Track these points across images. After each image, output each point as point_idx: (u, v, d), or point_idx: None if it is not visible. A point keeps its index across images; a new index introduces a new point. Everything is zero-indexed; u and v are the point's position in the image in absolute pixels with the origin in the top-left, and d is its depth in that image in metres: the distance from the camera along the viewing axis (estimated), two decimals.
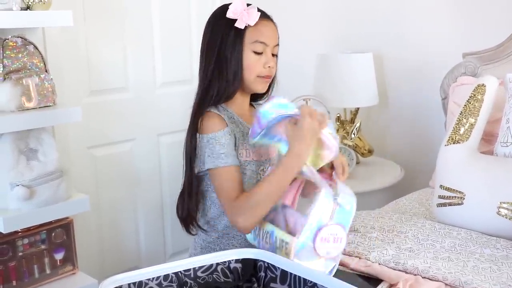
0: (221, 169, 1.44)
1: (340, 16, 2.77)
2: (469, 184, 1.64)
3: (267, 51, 1.50)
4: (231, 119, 1.52)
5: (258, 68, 1.50)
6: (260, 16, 1.48)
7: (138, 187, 2.44)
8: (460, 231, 1.60)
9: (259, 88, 1.53)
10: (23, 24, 1.69)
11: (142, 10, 2.39)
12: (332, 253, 1.23)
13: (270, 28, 1.52)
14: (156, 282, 1.03)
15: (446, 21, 2.42)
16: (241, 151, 1.50)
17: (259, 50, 1.49)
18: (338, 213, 1.23)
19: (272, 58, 1.52)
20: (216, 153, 1.44)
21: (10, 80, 1.66)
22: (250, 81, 1.51)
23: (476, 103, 1.72)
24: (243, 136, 1.52)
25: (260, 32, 1.49)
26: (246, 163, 1.51)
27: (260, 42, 1.49)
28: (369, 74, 2.49)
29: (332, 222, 1.22)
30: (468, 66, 2.17)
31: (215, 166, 1.44)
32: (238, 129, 1.52)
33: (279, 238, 1.26)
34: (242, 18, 1.47)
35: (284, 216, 1.32)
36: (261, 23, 1.49)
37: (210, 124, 1.47)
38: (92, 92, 2.26)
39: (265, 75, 1.51)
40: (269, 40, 1.50)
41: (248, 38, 1.48)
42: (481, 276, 1.32)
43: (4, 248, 1.72)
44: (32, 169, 1.69)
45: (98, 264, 2.31)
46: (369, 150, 2.56)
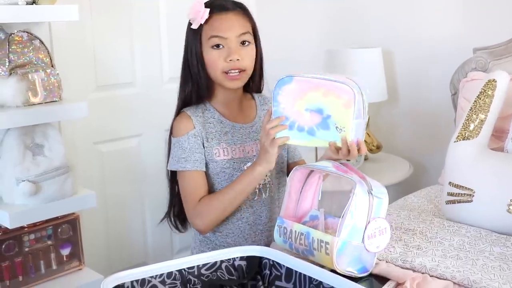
0: (181, 173, 1.51)
1: (348, 11, 2.75)
2: (479, 181, 1.61)
3: (228, 44, 1.46)
4: (210, 118, 1.53)
5: (220, 64, 1.47)
6: (214, 10, 1.47)
7: (145, 183, 2.44)
8: (469, 229, 1.58)
9: (229, 85, 1.50)
10: (29, 18, 1.69)
11: (149, 5, 2.38)
12: (381, 246, 1.26)
13: (225, 19, 1.48)
14: (159, 279, 1.02)
15: (457, 15, 2.39)
16: (216, 151, 1.52)
17: (216, 43, 1.47)
18: (377, 206, 1.24)
19: (237, 49, 1.47)
20: (177, 157, 1.50)
21: (16, 75, 1.65)
22: (218, 79, 1.50)
23: (486, 98, 1.69)
24: (223, 135, 1.53)
25: (213, 27, 1.47)
26: (224, 162, 1.52)
27: (214, 36, 1.46)
28: (378, 70, 2.47)
29: (374, 216, 1.23)
30: (478, 61, 2.14)
31: (175, 168, 1.51)
32: (217, 129, 1.53)
33: (317, 238, 1.24)
34: (196, 19, 1.47)
35: (324, 223, 1.32)
36: (215, 18, 1.47)
37: (177, 127, 1.53)
38: (99, 87, 2.26)
39: (229, 69, 1.47)
40: (225, 32, 1.46)
41: (205, 36, 1.48)
42: (490, 274, 1.30)
43: (11, 243, 1.72)
44: (38, 164, 1.69)
45: (105, 260, 2.31)
46: (377, 146, 2.54)
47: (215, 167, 1.51)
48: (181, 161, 1.49)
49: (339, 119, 1.27)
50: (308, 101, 1.29)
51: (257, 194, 1.55)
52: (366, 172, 2.36)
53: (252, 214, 1.55)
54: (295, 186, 1.37)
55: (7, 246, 1.72)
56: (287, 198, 1.36)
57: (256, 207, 1.55)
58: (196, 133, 1.50)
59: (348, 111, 1.25)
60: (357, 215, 1.21)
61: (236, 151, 1.53)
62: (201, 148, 1.50)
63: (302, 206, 1.38)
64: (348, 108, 1.24)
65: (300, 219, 1.37)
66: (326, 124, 1.29)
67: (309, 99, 1.29)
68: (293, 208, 1.37)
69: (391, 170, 2.46)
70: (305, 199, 1.38)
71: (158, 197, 2.50)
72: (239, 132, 1.55)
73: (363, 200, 1.22)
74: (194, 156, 1.49)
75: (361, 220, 1.22)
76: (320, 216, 1.33)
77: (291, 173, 1.35)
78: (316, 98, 1.28)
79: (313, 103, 1.29)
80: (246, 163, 1.54)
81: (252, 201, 1.55)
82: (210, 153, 1.51)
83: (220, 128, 1.53)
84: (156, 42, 2.42)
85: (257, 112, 1.61)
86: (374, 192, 1.24)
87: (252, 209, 1.55)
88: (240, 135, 1.55)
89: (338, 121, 1.27)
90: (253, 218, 1.56)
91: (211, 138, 1.52)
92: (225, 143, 1.52)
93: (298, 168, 1.34)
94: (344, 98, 1.24)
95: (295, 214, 1.38)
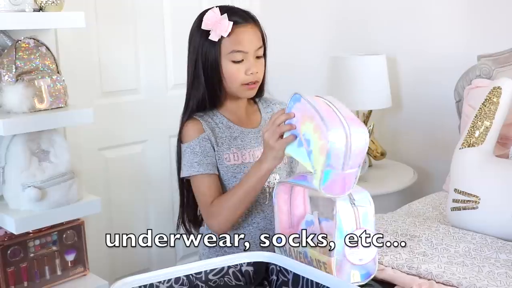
0: (194, 178, 1.49)
1: (353, 18, 2.76)
2: (484, 188, 1.61)
3: (248, 57, 1.46)
4: (219, 124, 1.53)
5: (241, 77, 1.46)
6: (235, 23, 1.44)
7: (149, 189, 2.44)
8: (475, 235, 1.58)
9: (245, 95, 1.52)
10: (35, 25, 1.70)
11: (154, 12, 2.39)
12: (365, 259, 1.22)
13: (247, 33, 1.46)
14: (167, 284, 1.02)
15: (461, 22, 2.40)
16: (227, 156, 1.51)
17: (238, 59, 1.45)
18: (364, 216, 1.22)
19: (255, 63, 1.47)
20: (190, 162, 1.49)
21: (22, 82, 1.66)
22: (235, 90, 1.50)
23: (491, 105, 1.69)
24: (232, 140, 1.53)
25: (236, 41, 1.44)
26: (235, 167, 1.51)
27: (238, 51, 1.45)
28: (382, 76, 2.47)
29: (361, 226, 1.21)
30: (483, 68, 2.14)
31: (189, 174, 1.49)
32: (226, 134, 1.53)
33: (315, 258, 1.25)
34: (215, 30, 1.44)
35: (319, 228, 1.31)
36: (237, 31, 1.44)
37: (187, 133, 1.52)
38: (104, 93, 2.27)
39: (249, 82, 1.47)
40: (247, 46, 1.45)
41: (225, 49, 1.45)
42: (496, 281, 1.30)
43: (16, 249, 1.73)
44: (44, 170, 1.69)
45: (109, 265, 2.31)
46: (381, 153, 2.54)
47: (226, 172, 1.51)
48: (194, 165, 1.47)
49: (316, 158, 1.18)
50: (305, 128, 1.23)
51: (268, 198, 1.55)
52: (370, 179, 2.40)
53: (264, 219, 1.55)
54: (282, 197, 1.36)
55: (13, 251, 1.72)
56: (278, 213, 1.35)
57: (267, 212, 1.55)
58: (206, 136, 1.49)
59: (322, 156, 1.14)
60: (346, 231, 1.20)
61: (246, 156, 1.53)
62: (212, 151, 1.50)
63: (295, 214, 1.37)
64: (323, 153, 1.14)
65: (297, 228, 1.36)
66: (310, 157, 1.21)
67: (306, 126, 1.22)
68: (287, 220, 1.37)
69: (395, 177, 2.46)
70: (296, 207, 1.37)
71: (163, 203, 2.51)
72: (248, 137, 1.55)
73: (348, 214, 1.20)
74: (206, 160, 1.48)
75: (346, 232, 1.21)
76: (315, 220, 1.32)
77: (275, 189, 1.34)
78: (309, 129, 1.20)
79: (306, 132, 1.21)
80: None
81: (263, 205, 1.54)
82: (221, 158, 1.50)
83: (229, 133, 1.53)
84: (160, 49, 2.43)
85: (261, 116, 1.61)
86: (357, 202, 1.22)
87: (263, 213, 1.55)
88: (249, 139, 1.55)
89: (315, 160, 1.18)
90: (264, 223, 1.55)
91: (221, 143, 1.51)
92: (235, 148, 1.52)
93: (281, 182, 1.34)
94: (322, 141, 1.14)
95: (291, 224, 1.37)
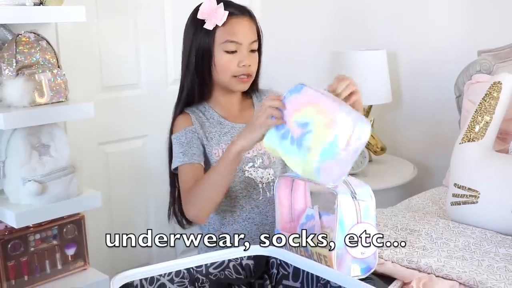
0: (180, 167, 1.49)
1: (353, 13, 2.75)
2: (484, 182, 1.62)
3: (242, 49, 1.47)
4: (210, 119, 1.53)
5: (232, 68, 1.47)
6: (232, 14, 1.45)
7: (149, 184, 2.44)
8: (474, 230, 1.58)
9: (237, 88, 1.52)
10: (36, 19, 1.70)
11: (154, 6, 2.38)
12: (367, 253, 1.24)
13: (242, 25, 1.47)
14: (167, 278, 1.02)
15: (461, 18, 2.40)
16: (216, 151, 1.51)
17: (231, 49, 1.46)
18: (365, 210, 1.22)
19: (248, 56, 1.48)
20: (176, 153, 1.49)
21: (23, 76, 1.66)
22: (226, 82, 1.50)
23: (491, 100, 1.69)
24: (222, 135, 1.53)
25: (231, 32, 1.45)
26: None
27: (231, 41, 1.45)
28: (383, 72, 2.47)
29: (362, 220, 1.22)
30: (483, 63, 2.14)
31: (175, 165, 1.50)
32: (216, 129, 1.53)
33: (315, 252, 1.25)
34: (211, 19, 1.45)
35: (320, 222, 1.32)
36: (232, 21, 1.45)
37: (175, 124, 1.53)
38: (104, 88, 2.26)
39: (240, 74, 1.48)
40: (242, 38, 1.46)
41: (219, 38, 1.46)
42: (496, 275, 1.31)
43: (16, 243, 1.73)
44: (44, 164, 1.69)
45: (109, 260, 2.31)
46: (381, 148, 2.54)
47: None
48: (180, 156, 1.48)
49: (315, 136, 1.14)
50: (302, 114, 1.19)
51: (261, 194, 1.55)
52: (370, 174, 2.40)
53: (259, 215, 1.55)
54: (283, 192, 1.36)
55: (13, 245, 1.72)
56: (279, 207, 1.36)
57: (261, 207, 1.55)
58: (194, 129, 1.50)
59: (327, 130, 1.12)
60: (347, 225, 1.21)
61: None
62: (198, 143, 1.50)
63: (296, 208, 1.38)
64: (329, 128, 1.12)
65: (297, 222, 1.37)
66: (301, 141, 1.17)
67: (304, 112, 1.18)
68: (287, 214, 1.37)
69: (395, 172, 2.46)
70: (297, 201, 1.38)
71: (163, 197, 2.49)
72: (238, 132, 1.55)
73: (350, 208, 1.21)
74: (191, 150, 1.48)
75: (348, 226, 1.22)
76: (315, 215, 1.33)
77: (276, 182, 1.35)
78: (310, 112, 1.17)
79: (305, 116, 1.18)
80: (247, 163, 1.54)
81: (257, 201, 1.55)
82: (210, 153, 1.51)
83: (220, 128, 1.53)
84: (161, 44, 2.42)
85: (255, 110, 1.61)
86: (358, 196, 1.22)
87: (258, 209, 1.55)
88: None
89: (313, 139, 1.14)
90: (260, 219, 1.56)
91: (211, 138, 1.52)
92: (225, 144, 1.52)
93: (282, 176, 1.35)
94: (329, 118, 1.13)
95: (292, 218, 1.38)
